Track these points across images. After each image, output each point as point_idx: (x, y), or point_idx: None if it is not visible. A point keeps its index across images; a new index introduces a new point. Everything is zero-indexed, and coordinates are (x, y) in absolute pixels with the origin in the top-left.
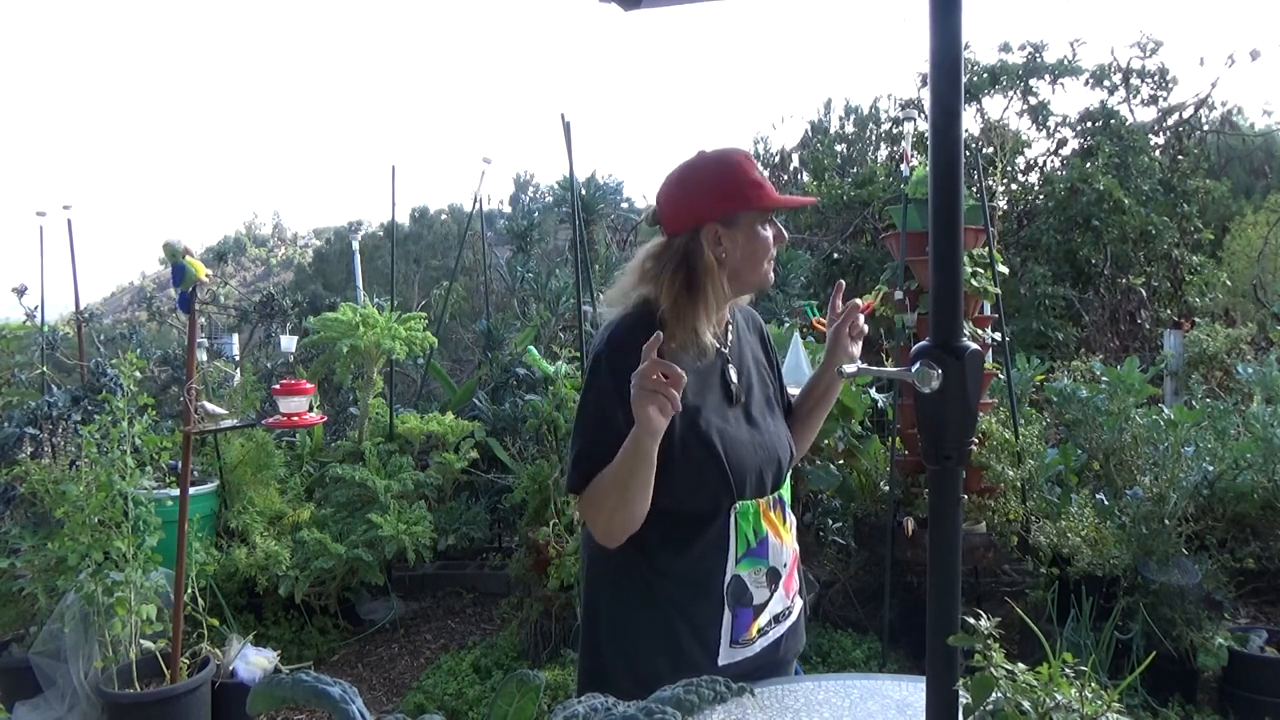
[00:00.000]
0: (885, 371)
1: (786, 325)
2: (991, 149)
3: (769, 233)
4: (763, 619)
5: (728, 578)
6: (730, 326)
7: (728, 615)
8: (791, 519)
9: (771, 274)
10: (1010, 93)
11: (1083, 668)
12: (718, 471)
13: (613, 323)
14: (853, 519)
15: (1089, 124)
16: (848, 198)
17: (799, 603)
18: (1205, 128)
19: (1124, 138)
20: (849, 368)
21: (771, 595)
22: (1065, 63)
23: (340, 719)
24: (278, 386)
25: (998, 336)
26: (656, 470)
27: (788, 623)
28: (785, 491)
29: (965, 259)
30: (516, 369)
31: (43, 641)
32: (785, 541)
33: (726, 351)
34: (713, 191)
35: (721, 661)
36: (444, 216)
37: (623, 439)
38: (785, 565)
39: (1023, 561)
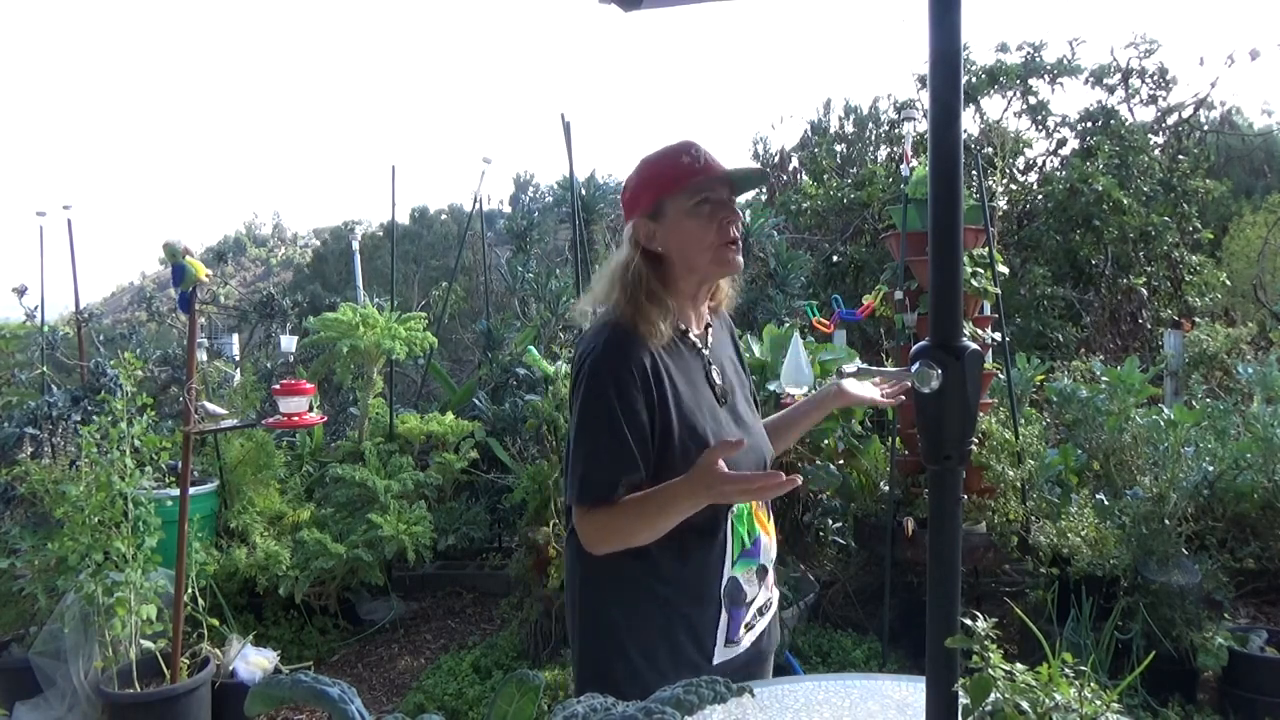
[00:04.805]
0: (885, 371)
1: (786, 325)
2: (991, 149)
3: (708, 213)
4: (749, 614)
5: (725, 580)
6: (710, 329)
7: (724, 616)
8: (770, 512)
9: (733, 257)
10: (1009, 93)
11: (1082, 668)
12: None
13: (603, 327)
14: (853, 519)
15: (1088, 124)
16: (847, 199)
17: (776, 593)
18: (1205, 128)
19: (1124, 137)
20: (849, 368)
21: (759, 591)
22: (1064, 62)
23: (339, 719)
24: (278, 386)
25: (998, 336)
26: (659, 477)
27: (769, 614)
28: None
29: (965, 259)
30: (516, 369)
31: (43, 641)
32: (772, 538)
33: (708, 353)
34: (635, 186)
35: (716, 661)
36: (444, 216)
37: (637, 443)
38: (772, 561)
39: (1023, 562)
